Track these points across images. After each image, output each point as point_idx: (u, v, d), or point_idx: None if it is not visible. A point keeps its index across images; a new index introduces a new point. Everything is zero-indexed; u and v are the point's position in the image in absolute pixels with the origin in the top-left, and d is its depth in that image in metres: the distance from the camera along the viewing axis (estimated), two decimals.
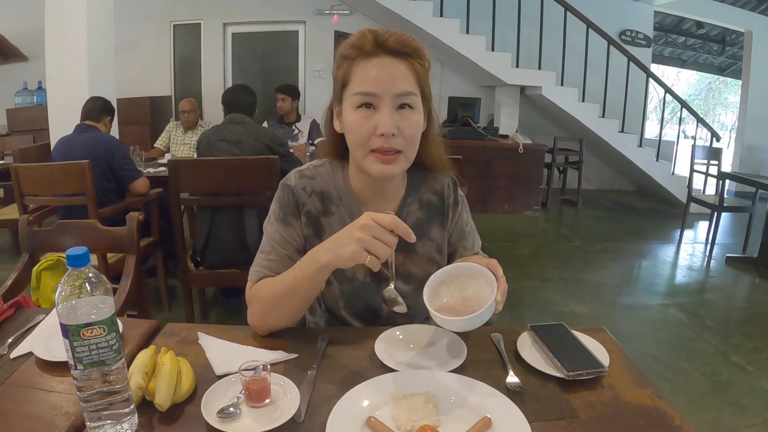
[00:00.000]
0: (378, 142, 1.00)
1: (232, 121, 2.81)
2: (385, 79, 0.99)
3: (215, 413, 0.78)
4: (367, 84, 0.99)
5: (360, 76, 1.01)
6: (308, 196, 1.15)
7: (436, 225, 1.22)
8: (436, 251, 1.22)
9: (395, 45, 1.00)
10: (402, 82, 1.00)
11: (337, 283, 1.17)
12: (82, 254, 0.69)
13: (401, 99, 1.00)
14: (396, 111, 1.00)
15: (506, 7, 6.13)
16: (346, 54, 1.03)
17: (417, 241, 1.16)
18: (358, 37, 1.02)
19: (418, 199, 1.20)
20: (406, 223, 1.15)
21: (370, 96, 0.99)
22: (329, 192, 1.16)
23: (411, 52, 1.02)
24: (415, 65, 1.02)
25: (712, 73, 14.49)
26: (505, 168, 5.94)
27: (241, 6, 6.78)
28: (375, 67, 1.00)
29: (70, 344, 0.69)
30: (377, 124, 0.99)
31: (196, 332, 1.06)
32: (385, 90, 0.99)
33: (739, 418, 2.29)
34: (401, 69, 1.01)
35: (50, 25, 3.67)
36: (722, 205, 4.62)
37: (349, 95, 1.02)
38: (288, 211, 1.15)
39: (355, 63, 1.02)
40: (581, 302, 3.57)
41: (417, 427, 0.77)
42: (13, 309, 1.18)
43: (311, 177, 1.16)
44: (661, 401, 0.88)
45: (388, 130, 0.98)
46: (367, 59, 1.01)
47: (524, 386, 0.91)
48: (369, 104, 1.00)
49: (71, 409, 0.82)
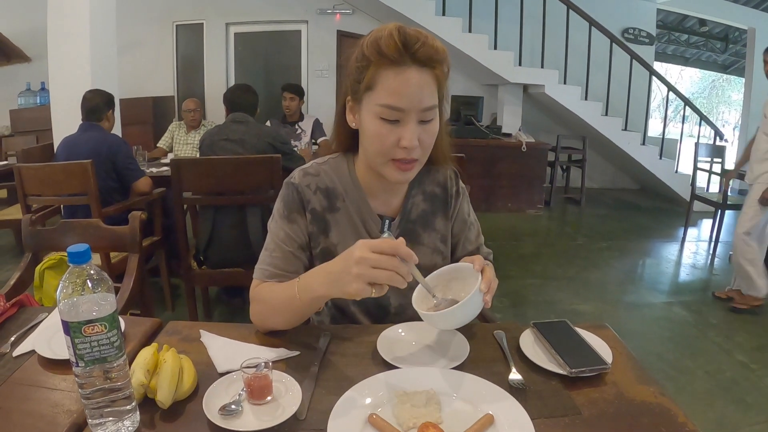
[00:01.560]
0: (400, 154, 1.01)
1: (234, 120, 2.81)
2: (413, 95, 0.97)
3: (217, 410, 0.78)
4: (394, 98, 0.97)
5: (387, 86, 0.97)
6: (313, 194, 1.15)
7: (440, 216, 1.23)
8: (441, 241, 1.23)
9: (425, 56, 0.97)
10: (427, 97, 0.98)
11: None
12: (83, 251, 0.69)
13: (425, 114, 1.00)
14: (418, 124, 1.00)
15: (508, 5, 6.12)
16: (372, 57, 0.98)
17: (422, 232, 1.18)
18: (386, 41, 0.96)
19: (422, 191, 1.21)
20: (412, 215, 1.15)
21: (397, 111, 0.98)
22: (334, 188, 1.16)
23: (440, 61, 0.99)
24: (439, 74, 1.00)
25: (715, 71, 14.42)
26: (509, 166, 5.94)
27: (244, 6, 6.79)
28: (403, 80, 0.97)
29: (72, 341, 0.69)
30: (401, 137, 0.99)
31: (198, 330, 1.06)
32: (412, 106, 0.97)
33: (743, 416, 2.28)
34: (427, 80, 0.98)
35: (53, 25, 3.68)
36: (726, 202, 4.61)
37: (373, 103, 1.00)
38: (293, 209, 1.15)
39: (381, 69, 0.98)
40: (585, 300, 3.56)
41: (419, 424, 0.76)
42: (16, 308, 1.18)
43: (315, 174, 1.16)
44: (665, 398, 0.88)
45: (412, 144, 0.99)
46: (395, 68, 0.97)
47: (527, 383, 0.91)
48: (394, 119, 0.99)
49: (73, 406, 0.82)
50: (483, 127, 6.04)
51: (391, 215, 1.18)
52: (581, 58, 6.26)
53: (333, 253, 1.14)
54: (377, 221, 1.16)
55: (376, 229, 1.16)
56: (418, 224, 1.20)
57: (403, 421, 0.78)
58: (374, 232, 1.16)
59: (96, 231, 1.72)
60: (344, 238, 1.15)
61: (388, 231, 1.14)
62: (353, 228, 1.16)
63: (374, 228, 1.16)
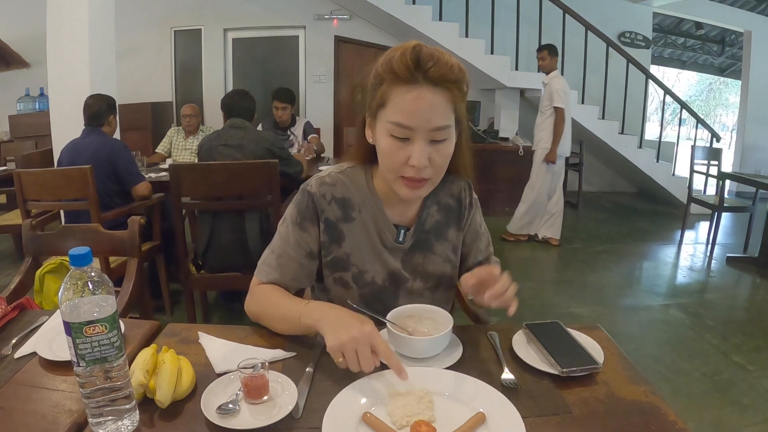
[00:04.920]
0: (409, 172, 1.02)
1: (232, 126, 2.83)
2: (422, 114, 0.98)
3: (214, 409, 0.80)
4: (403, 116, 0.98)
5: (397, 104, 0.99)
6: (328, 204, 1.16)
7: (452, 227, 1.25)
8: (452, 251, 1.25)
9: (436, 76, 0.97)
10: (438, 117, 0.99)
11: (357, 287, 1.19)
12: (84, 254, 0.71)
13: (436, 134, 1.00)
14: (429, 144, 1.01)
15: (505, 10, 6.14)
16: (385, 76, 1.01)
17: (435, 242, 1.21)
18: (399, 60, 0.98)
19: (437, 202, 1.23)
20: (426, 225, 1.19)
21: (406, 129, 0.99)
22: (350, 198, 1.17)
23: (455, 81, 1.00)
24: (455, 95, 1.00)
25: (712, 74, 14.47)
26: (506, 170, 5.95)
27: (242, 12, 6.81)
28: (412, 99, 0.98)
29: (73, 341, 0.71)
30: (410, 155, 1.00)
31: (197, 332, 1.08)
32: (421, 125, 0.98)
33: (739, 417, 2.29)
34: (439, 101, 0.99)
35: (52, 31, 3.69)
36: (722, 205, 4.63)
37: (385, 120, 1.02)
38: (306, 217, 1.16)
39: (393, 87, 1.00)
40: (582, 304, 3.58)
41: (412, 422, 0.78)
42: (17, 311, 1.19)
43: (332, 184, 1.17)
44: (655, 397, 0.89)
45: (420, 164, 1.00)
46: (406, 86, 0.98)
47: (519, 383, 0.92)
48: (404, 136, 1.00)
49: (74, 406, 0.83)
50: (480, 132, 6.07)
51: (407, 225, 1.20)
52: (578, 62, 6.28)
53: (345, 262, 1.17)
54: (393, 230, 1.18)
55: (391, 238, 1.18)
56: (432, 234, 1.22)
57: (397, 420, 0.80)
58: (389, 241, 1.18)
59: (95, 235, 1.74)
60: (357, 247, 1.18)
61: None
62: (368, 237, 1.18)
63: (389, 237, 1.18)
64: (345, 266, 1.18)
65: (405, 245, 1.19)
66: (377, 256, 1.18)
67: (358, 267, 1.18)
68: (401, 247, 1.19)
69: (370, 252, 1.18)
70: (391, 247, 1.18)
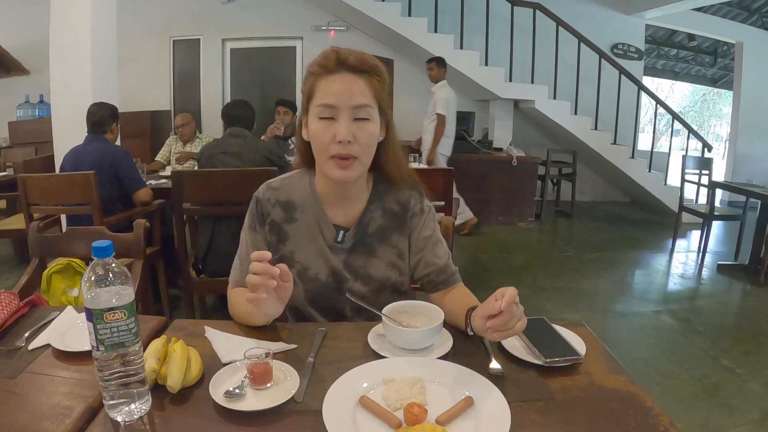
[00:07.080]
0: (336, 149, 1.11)
1: (232, 134, 2.90)
2: (344, 92, 1.10)
3: (222, 394, 0.86)
4: (329, 97, 1.11)
5: (323, 89, 1.12)
6: (272, 207, 1.27)
7: (396, 232, 1.30)
8: (397, 257, 1.30)
9: (355, 62, 1.12)
10: (359, 96, 1.11)
11: (302, 283, 1.27)
12: (106, 246, 0.78)
13: (358, 111, 1.11)
14: (353, 121, 1.11)
15: (499, 22, 6.25)
16: (312, 71, 1.15)
17: (378, 245, 1.27)
18: (323, 57, 1.14)
19: (382, 206, 1.29)
20: (369, 228, 1.27)
21: (331, 108, 1.11)
22: (293, 201, 1.27)
23: (369, 69, 1.14)
24: (373, 81, 1.14)
25: (704, 85, 14.63)
26: (500, 180, 6.03)
27: (240, 22, 6.91)
28: (336, 82, 1.11)
29: (94, 327, 0.77)
30: (336, 132, 1.10)
31: (203, 327, 1.14)
32: (344, 102, 1.10)
33: (727, 419, 2.34)
34: (359, 84, 1.12)
35: (55, 39, 3.75)
36: (713, 214, 4.70)
37: (314, 107, 1.13)
38: (256, 220, 1.28)
39: (319, 79, 1.13)
40: (574, 310, 3.63)
41: (405, 404, 0.84)
42: (29, 307, 1.25)
43: (277, 188, 1.28)
44: (635, 386, 0.94)
45: (345, 137, 1.09)
46: (330, 75, 1.12)
47: (505, 372, 0.98)
48: (330, 116, 1.11)
49: (87, 392, 0.89)
50: (474, 142, 6.15)
51: (348, 226, 1.27)
52: (571, 73, 6.38)
53: (289, 260, 1.26)
54: (332, 230, 1.26)
55: (332, 238, 1.26)
56: (375, 238, 1.28)
57: (391, 402, 0.86)
58: (329, 240, 1.26)
59: (101, 238, 1.78)
60: (300, 246, 1.27)
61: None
62: (310, 237, 1.26)
63: (329, 237, 1.26)
64: (290, 264, 1.24)
65: (344, 245, 1.26)
66: (320, 254, 1.26)
67: (301, 264, 1.26)
68: (341, 247, 1.26)
69: (313, 250, 1.26)
70: (332, 246, 1.26)
